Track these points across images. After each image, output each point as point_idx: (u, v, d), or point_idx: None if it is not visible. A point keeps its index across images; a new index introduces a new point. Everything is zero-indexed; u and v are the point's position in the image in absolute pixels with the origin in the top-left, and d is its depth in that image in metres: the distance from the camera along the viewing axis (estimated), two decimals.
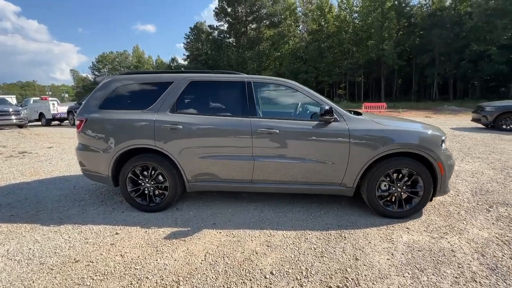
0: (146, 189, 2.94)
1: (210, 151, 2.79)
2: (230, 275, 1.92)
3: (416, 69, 35.54)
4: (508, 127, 8.72)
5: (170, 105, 2.84)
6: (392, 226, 2.59)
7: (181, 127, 2.76)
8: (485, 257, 2.08)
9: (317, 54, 37.45)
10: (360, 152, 2.65)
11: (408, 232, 2.48)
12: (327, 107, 2.60)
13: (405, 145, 2.61)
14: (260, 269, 1.98)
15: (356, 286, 1.80)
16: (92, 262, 2.07)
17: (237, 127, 2.76)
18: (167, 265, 2.03)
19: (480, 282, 1.81)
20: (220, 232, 2.53)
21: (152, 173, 2.89)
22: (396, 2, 34.02)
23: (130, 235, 2.47)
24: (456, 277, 1.86)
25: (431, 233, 2.46)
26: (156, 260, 2.10)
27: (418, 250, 2.18)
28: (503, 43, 27.02)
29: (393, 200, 2.78)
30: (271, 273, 1.93)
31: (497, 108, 9.00)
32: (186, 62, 52.33)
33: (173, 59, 61.42)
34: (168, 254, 2.18)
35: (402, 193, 2.73)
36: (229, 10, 45.96)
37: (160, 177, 2.92)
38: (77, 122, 3.02)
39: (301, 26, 45.30)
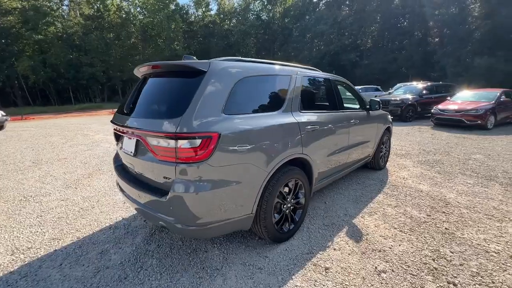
0: (286, 211, 2.28)
1: (332, 148, 2.76)
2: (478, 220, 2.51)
3: None
4: None
5: (298, 104, 2.36)
6: (393, 171, 4.21)
7: (318, 127, 2.46)
8: (431, 170, 4.26)
9: (103, 45, 32.15)
10: (379, 129, 3.92)
11: (402, 171, 4.21)
12: (378, 100, 3.57)
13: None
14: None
15: (444, 203, 3.14)
16: None
17: (344, 121, 2.96)
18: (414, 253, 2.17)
19: (441, 180, 3.86)
20: (364, 217, 2.78)
21: (293, 189, 2.30)
22: (178, 8, 37.21)
23: (343, 262, 2.06)
24: (446, 177, 3.79)
25: (404, 169, 4.36)
26: (424, 256, 2.13)
27: (419, 176, 3.95)
28: (252, 56, 39.19)
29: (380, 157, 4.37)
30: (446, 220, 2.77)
31: None
32: None
33: None
34: (392, 247, 2.24)
35: (385, 152, 4.40)
36: None
37: (286, 189, 2.37)
38: (184, 144, 1.56)
39: (67, 6, 35.82)
